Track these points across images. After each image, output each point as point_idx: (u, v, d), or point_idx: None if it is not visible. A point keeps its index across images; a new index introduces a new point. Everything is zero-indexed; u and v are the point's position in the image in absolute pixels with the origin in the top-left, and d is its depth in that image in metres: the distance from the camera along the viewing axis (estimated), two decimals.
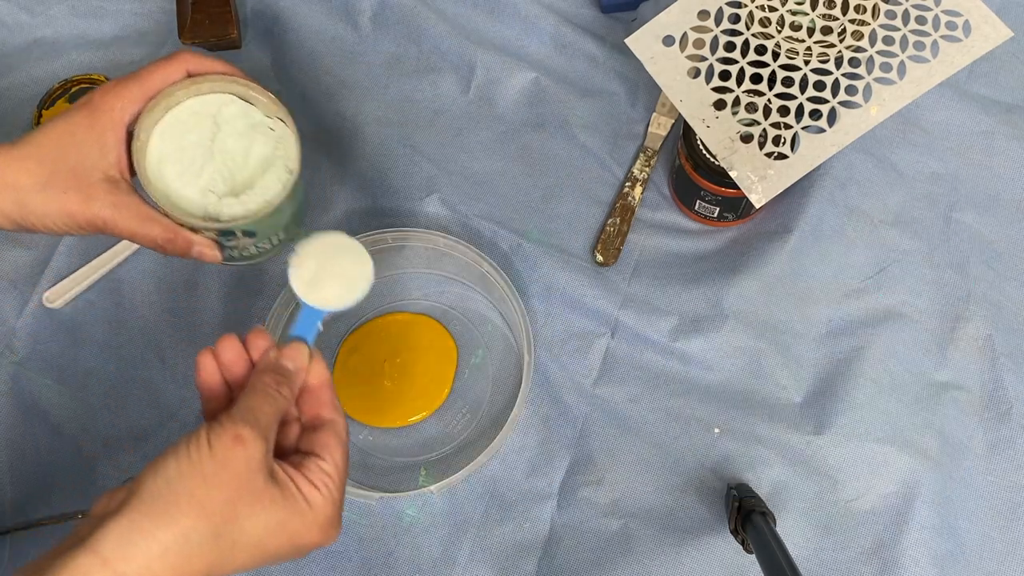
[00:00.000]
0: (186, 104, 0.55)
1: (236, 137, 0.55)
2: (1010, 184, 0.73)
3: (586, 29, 0.78)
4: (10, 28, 0.77)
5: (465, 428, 0.68)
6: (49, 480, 0.65)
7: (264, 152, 0.56)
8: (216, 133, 0.55)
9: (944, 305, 0.69)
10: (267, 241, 0.58)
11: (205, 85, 0.55)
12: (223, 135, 0.55)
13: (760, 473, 0.65)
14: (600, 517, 0.64)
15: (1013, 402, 0.66)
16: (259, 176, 0.55)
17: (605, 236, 0.71)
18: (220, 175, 0.55)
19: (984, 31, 0.62)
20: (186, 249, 0.54)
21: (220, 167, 0.55)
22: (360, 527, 0.64)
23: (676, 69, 0.65)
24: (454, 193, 0.72)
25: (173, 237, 0.53)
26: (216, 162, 0.55)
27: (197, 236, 0.54)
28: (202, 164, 0.54)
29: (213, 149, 0.55)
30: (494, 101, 0.77)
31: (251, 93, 0.56)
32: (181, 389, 0.67)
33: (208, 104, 0.55)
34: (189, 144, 0.54)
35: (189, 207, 0.54)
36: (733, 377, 0.67)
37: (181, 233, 0.54)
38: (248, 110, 0.56)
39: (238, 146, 0.55)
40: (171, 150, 0.54)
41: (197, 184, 0.54)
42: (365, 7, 0.78)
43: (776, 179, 0.63)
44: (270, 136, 0.56)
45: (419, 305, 0.71)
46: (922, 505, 0.63)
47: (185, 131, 0.55)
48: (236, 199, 0.54)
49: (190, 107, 0.55)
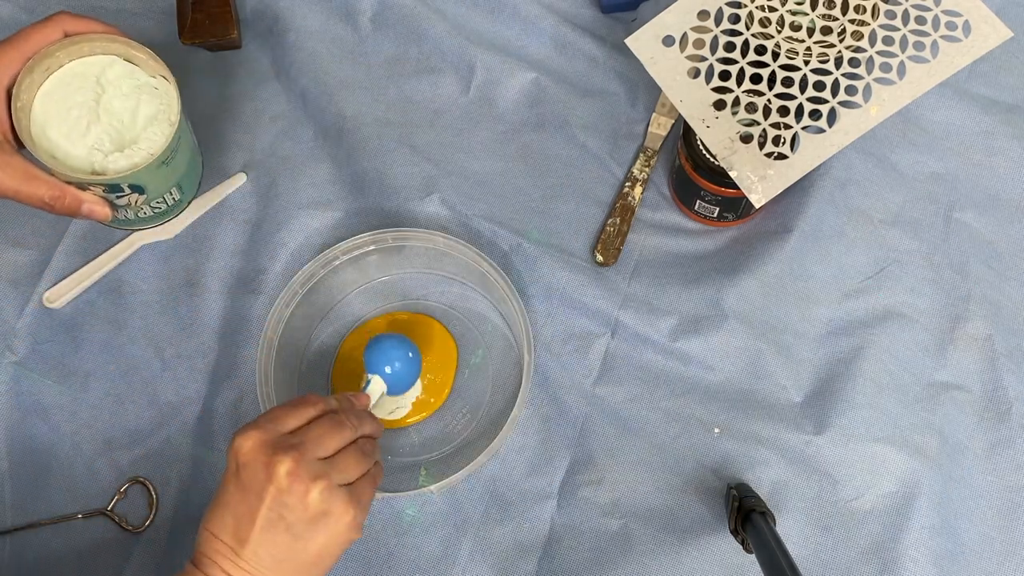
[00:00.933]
0: (69, 66, 0.57)
1: (122, 98, 0.57)
2: (1010, 184, 0.73)
3: (586, 29, 0.78)
4: (10, 28, 0.77)
5: (465, 428, 0.68)
6: (49, 480, 0.65)
7: (150, 111, 0.58)
8: (101, 95, 0.57)
9: (944, 305, 0.69)
10: (161, 201, 0.59)
11: (85, 46, 0.57)
12: (108, 96, 0.57)
13: (760, 473, 0.65)
14: (600, 517, 0.64)
15: (1013, 402, 0.66)
16: (143, 131, 0.57)
17: (605, 236, 0.71)
18: (107, 135, 0.56)
19: (984, 31, 0.62)
20: (75, 207, 0.56)
21: (107, 127, 0.56)
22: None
23: (676, 69, 0.65)
24: (454, 193, 0.72)
25: (60, 195, 0.55)
26: (103, 123, 0.56)
27: (86, 194, 0.55)
28: (88, 124, 0.56)
29: (99, 110, 0.57)
30: (494, 101, 0.77)
31: (131, 52, 0.57)
32: (181, 389, 0.67)
33: (91, 66, 0.57)
34: (74, 105, 0.56)
35: (76, 164, 0.55)
36: (733, 377, 0.67)
37: (69, 191, 0.55)
38: (133, 71, 0.58)
39: (124, 106, 0.57)
40: (56, 111, 0.56)
41: (84, 143, 0.56)
42: (365, 7, 0.78)
43: (776, 179, 0.63)
44: (155, 95, 0.58)
45: (419, 305, 0.71)
46: (922, 505, 0.63)
47: (69, 93, 0.56)
48: (121, 154, 0.56)
49: (72, 69, 0.57)
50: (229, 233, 0.71)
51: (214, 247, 0.71)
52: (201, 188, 0.64)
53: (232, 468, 0.49)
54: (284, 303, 0.66)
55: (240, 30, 0.77)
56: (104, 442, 0.66)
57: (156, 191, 0.58)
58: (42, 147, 0.55)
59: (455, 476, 0.60)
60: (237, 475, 0.48)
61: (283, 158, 0.74)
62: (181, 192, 0.61)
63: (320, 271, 0.67)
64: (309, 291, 0.67)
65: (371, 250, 0.68)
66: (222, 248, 0.71)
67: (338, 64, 0.77)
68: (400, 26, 0.78)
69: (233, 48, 0.78)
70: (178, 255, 0.71)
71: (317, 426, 0.51)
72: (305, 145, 0.75)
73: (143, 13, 0.79)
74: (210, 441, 0.66)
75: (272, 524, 0.48)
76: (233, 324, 0.69)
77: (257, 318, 0.69)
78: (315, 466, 0.48)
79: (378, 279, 0.72)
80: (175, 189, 0.59)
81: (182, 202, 0.62)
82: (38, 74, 0.56)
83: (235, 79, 0.77)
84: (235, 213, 0.72)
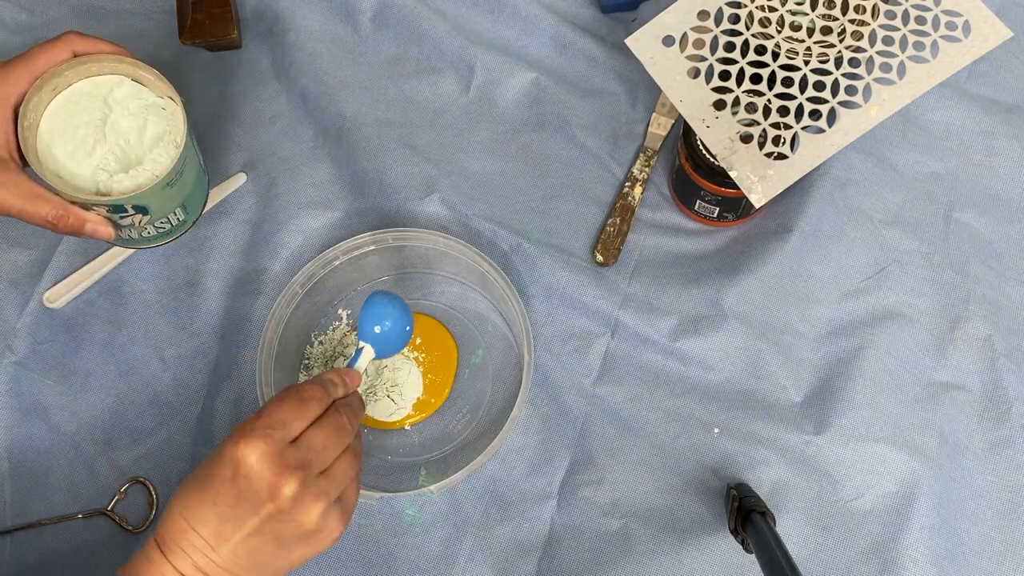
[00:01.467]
0: (77, 86, 0.57)
1: (129, 118, 0.57)
2: (1010, 184, 0.73)
3: (586, 29, 0.78)
4: (10, 28, 0.77)
5: (465, 428, 0.68)
6: (49, 480, 0.65)
7: (157, 131, 0.57)
8: (108, 114, 0.57)
9: (944, 305, 0.69)
10: (165, 221, 0.59)
11: (94, 66, 0.56)
12: (116, 116, 0.57)
13: (760, 473, 0.65)
14: (600, 517, 0.64)
15: (1013, 402, 0.66)
16: (149, 152, 0.57)
17: (605, 236, 0.71)
18: (113, 154, 0.56)
19: (984, 31, 0.62)
20: (79, 227, 0.56)
21: (113, 146, 0.56)
22: (360, 527, 0.64)
23: (676, 69, 0.65)
24: (454, 193, 0.72)
25: (64, 214, 0.55)
26: (109, 142, 0.56)
27: (90, 214, 0.55)
28: (94, 143, 0.56)
29: (105, 129, 0.56)
30: (494, 101, 0.77)
31: (140, 72, 0.57)
32: (181, 389, 0.67)
33: (99, 85, 0.57)
34: (81, 124, 0.56)
35: (80, 184, 0.55)
36: (733, 377, 0.67)
37: (72, 210, 0.55)
38: (140, 91, 0.58)
39: (131, 126, 0.57)
40: (62, 130, 0.55)
41: (89, 163, 0.55)
42: (365, 7, 0.78)
43: (776, 179, 0.63)
44: (162, 115, 0.58)
45: (419, 305, 0.71)
46: (922, 505, 0.63)
47: (76, 112, 0.56)
48: (126, 175, 0.56)
49: (81, 88, 0.57)
50: (229, 233, 0.71)
51: (214, 247, 0.71)
52: None
53: (228, 473, 0.47)
54: (284, 303, 0.66)
55: (240, 30, 0.77)
56: (104, 442, 0.66)
57: (160, 212, 0.58)
58: (47, 166, 0.55)
59: (455, 476, 0.60)
60: (234, 481, 0.46)
61: (283, 158, 0.74)
62: (186, 212, 0.61)
63: (320, 271, 0.67)
64: (309, 291, 0.67)
65: (371, 250, 0.68)
66: (222, 248, 0.71)
67: (338, 64, 0.77)
68: (400, 26, 0.78)
69: (233, 48, 0.78)
70: (178, 255, 0.71)
71: (322, 433, 0.49)
72: (305, 145, 0.75)
73: (143, 13, 0.79)
74: (210, 441, 0.66)
75: (260, 534, 0.47)
76: (233, 324, 0.69)
77: (257, 318, 0.69)
78: (318, 485, 0.47)
79: (378, 279, 0.72)
80: (180, 209, 0.59)
81: (186, 222, 0.62)
82: (46, 93, 0.55)
83: (235, 79, 0.77)
84: (235, 213, 0.72)
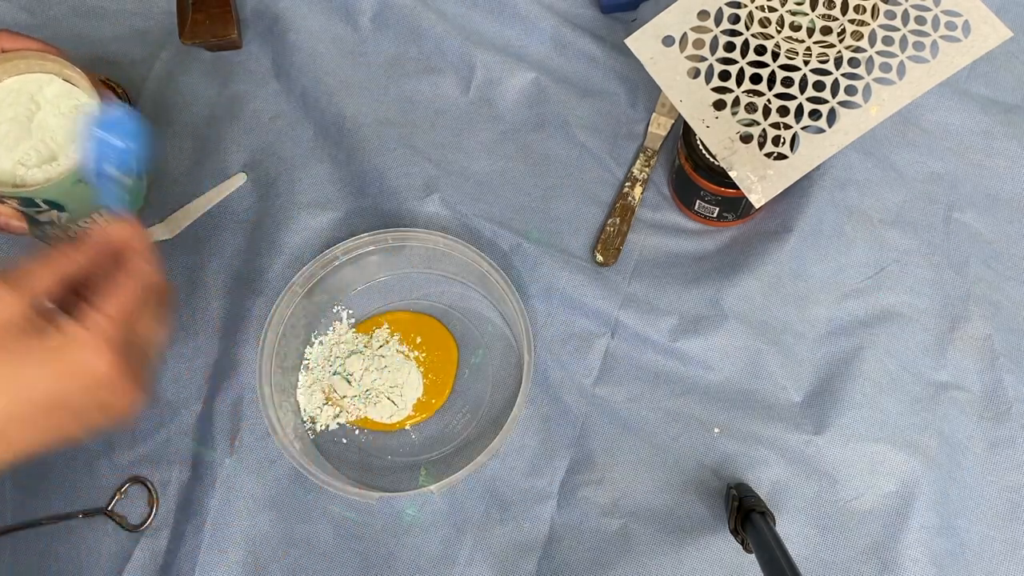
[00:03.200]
0: (5, 83, 0.57)
1: (59, 116, 0.57)
2: (1010, 184, 0.73)
3: (586, 29, 0.78)
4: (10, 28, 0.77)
5: (465, 428, 0.68)
6: (49, 480, 0.65)
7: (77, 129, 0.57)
8: (36, 111, 0.57)
9: (943, 305, 0.69)
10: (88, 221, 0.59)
11: (22, 63, 0.57)
12: (44, 114, 0.57)
13: (760, 473, 0.65)
14: (600, 517, 0.64)
15: (1013, 402, 0.66)
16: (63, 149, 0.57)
17: (605, 236, 0.71)
18: (36, 151, 0.56)
19: (983, 31, 0.62)
20: None
21: (37, 143, 0.56)
22: (360, 527, 0.64)
23: (676, 69, 0.65)
24: (454, 193, 0.72)
25: None
26: (34, 138, 0.56)
27: (3, 207, 0.56)
28: (17, 139, 0.56)
29: (31, 126, 0.57)
30: (494, 101, 0.77)
31: (65, 71, 0.57)
32: (181, 389, 0.67)
33: (27, 83, 0.57)
34: (4, 120, 0.56)
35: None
36: (733, 377, 0.67)
37: None
38: (71, 90, 0.58)
39: (60, 124, 0.57)
40: None
41: (10, 158, 0.56)
42: (365, 7, 0.78)
43: (776, 179, 0.63)
44: None
45: (419, 305, 0.71)
46: (921, 505, 0.63)
47: (2, 108, 0.57)
48: (39, 169, 0.56)
49: (8, 86, 0.57)
50: (229, 233, 0.71)
51: (214, 247, 0.71)
52: (202, 188, 0.63)
53: None
54: (284, 303, 0.66)
55: (240, 30, 0.77)
56: (104, 442, 0.66)
57: (79, 211, 0.57)
58: None
59: (455, 476, 0.60)
60: None
61: (283, 158, 0.74)
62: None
63: (320, 271, 0.67)
64: (309, 291, 0.67)
65: (371, 250, 0.68)
66: (222, 248, 0.71)
67: (338, 64, 0.77)
68: (400, 26, 0.78)
69: (233, 48, 0.78)
70: (178, 255, 0.71)
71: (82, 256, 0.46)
72: (305, 145, 0.75)
73: (143, 13, 0.79)
74: (210, 441, 0.66)
75: None
76: (233, 324, 0.69)
77: (257, 318, 0.69)
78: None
79: (378, 279, 0.72)
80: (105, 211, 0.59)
81: None
82: None
83: (235, 79, 0.77)
84: (235, 213, 0.72)
